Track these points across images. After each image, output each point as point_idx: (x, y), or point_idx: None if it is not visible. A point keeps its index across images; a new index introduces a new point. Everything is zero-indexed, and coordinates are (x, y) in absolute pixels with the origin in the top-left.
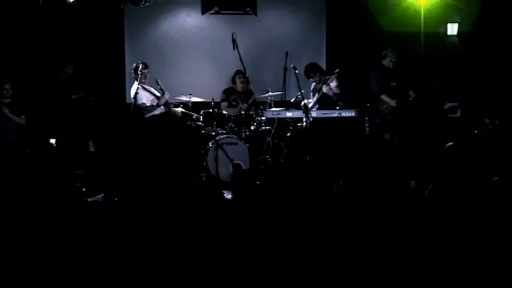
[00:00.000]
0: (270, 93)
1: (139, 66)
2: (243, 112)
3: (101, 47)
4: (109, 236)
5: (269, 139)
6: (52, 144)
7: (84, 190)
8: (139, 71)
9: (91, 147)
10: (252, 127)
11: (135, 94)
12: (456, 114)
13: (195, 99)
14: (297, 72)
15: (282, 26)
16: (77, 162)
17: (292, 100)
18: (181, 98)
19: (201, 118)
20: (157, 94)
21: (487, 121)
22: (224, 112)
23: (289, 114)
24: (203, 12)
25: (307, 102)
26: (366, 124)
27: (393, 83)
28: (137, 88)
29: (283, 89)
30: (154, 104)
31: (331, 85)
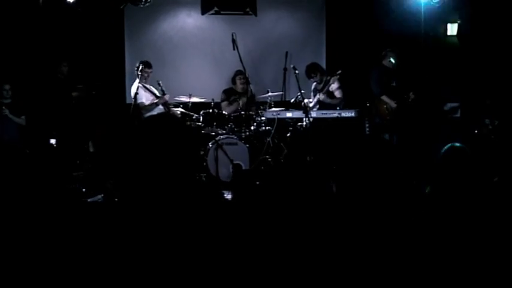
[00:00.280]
0: (270, 93)
1: (142, 65)
2: (243, 112)
3: (101, 47)
4: (109, 237)
5: (269, 139)
6: (52, 144)
7: (84, 190)
8: (141, 71)
9: (90, 147)
10: (252, 127)
11: (135, 93)
12: (456, 114)
13: (195, 99)
14: (297, 72)
15: (282, 26)
16: (77, 162)
17: (292, 100)
18: (181, 99)
19: (201, 118)
20: (157, 94)
21: (487, 121)
22: (224, 112)
23: (289, 114)
24: (203, 12)
25: (307, 102)
26: (366, 124)
27: (393, 83)
28: (137, 87)
29: (283, 89)
30: (152, 103)
31: (332, 86)
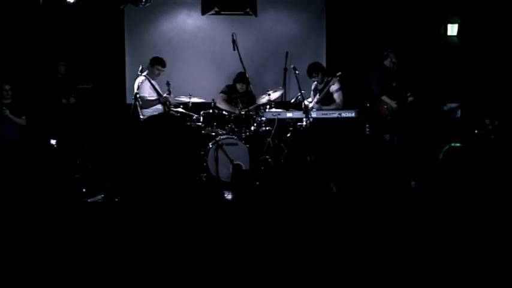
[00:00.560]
0: (271, 94)
1: (156, 61)
2: (243, 112)
3: (101, 48)
4: (109, 237)
5: (269, 140)
6: (52, 144)
7: (84, 191)
8: (152, 65)
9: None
10: (252, 128)
11: (140, 83)
12: (456, 114)
13: (195, 99)
14: (297, 72)
15: (282, 27)
16: (77, 162)
17: (292, 101)
18: (181, 99)
19: (201, 119)
20: (160, 93)
21: (487, 121)
22: (216, 103)
23: (289, 114)
24: (203, 12)
25: (307, 102)
26: (366, 125)
27: (394, 84)
28: (143, 80)
29: (282, 87)
30: (154, 99)
31: (332, 87)
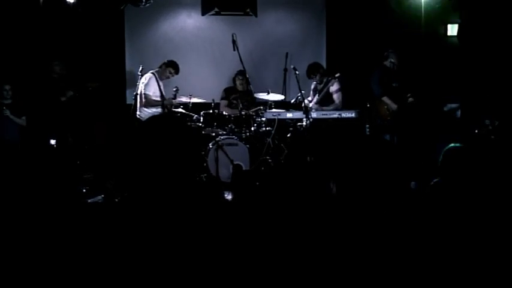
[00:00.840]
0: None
1: (170, 64)
2: (243, 113)
3: (101, 48)
4: (109, 237)
5: (269, 140)
6: (52, 145)
7: (84, 191)
8: (165, 68)
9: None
10: (252, 128)
11: (147, 82)
12: (456, 115)
13: (195, 100)
14: (297, 73)
15: (282, 27)
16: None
17: (292, 101)
18: (181, 99)
19: (201, 119)
20: (164, 95)
21: (487, 122)
22: (224, 112)
23: (289, 115)
24: (203, 13)
25: (307, 102)
26: (366, 125)
27: (395, 84)
28: (150, 78)
29: (283, 90)
30: (157, 99)
31: (331, 88)
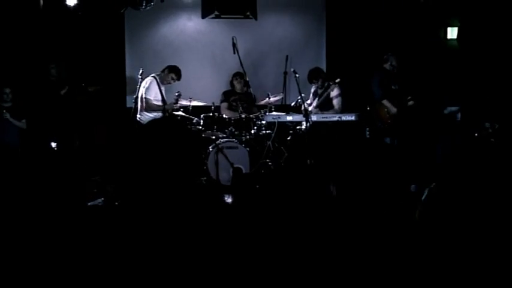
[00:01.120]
0: (271, 98)
1: (172, 70)
2: (243, 116)
3: (102, 51)
4: (109, 240)
5: (269, 143)
6: (53, 148)
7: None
8: (168, 73)
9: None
10: (252, 131)
11: (148, 86)
12: (456, 118)
13: (195, 103)
14: (298, 76)
15: (282, 30)
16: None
17: (292, 104)
18: (181, 102)
19: (201, 122)
20: (165, 99)
21: (487, 125)
22: (224, 115)
23: (289, 118)
24: (203, 16)
25: (307, 105)
26: (366, 128)
27: (395, 87)
28: (151, 82)
29: (283, 93)
30: (158, 104)
31: (332, 93)
